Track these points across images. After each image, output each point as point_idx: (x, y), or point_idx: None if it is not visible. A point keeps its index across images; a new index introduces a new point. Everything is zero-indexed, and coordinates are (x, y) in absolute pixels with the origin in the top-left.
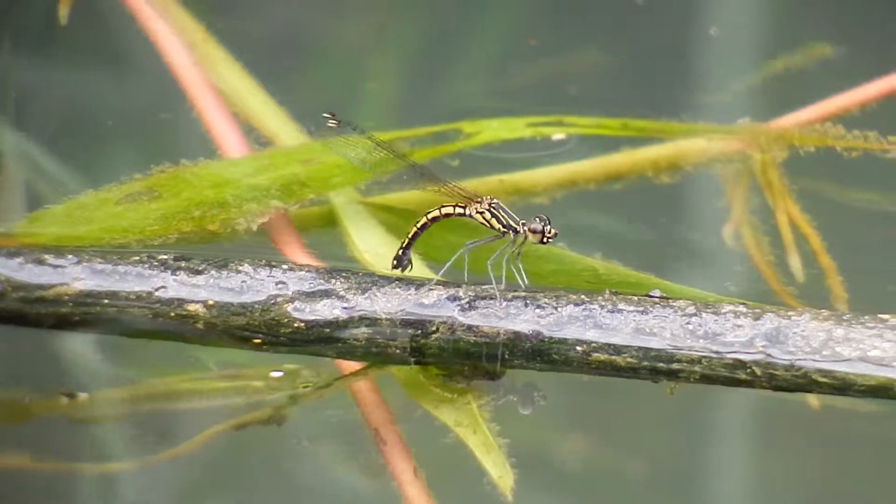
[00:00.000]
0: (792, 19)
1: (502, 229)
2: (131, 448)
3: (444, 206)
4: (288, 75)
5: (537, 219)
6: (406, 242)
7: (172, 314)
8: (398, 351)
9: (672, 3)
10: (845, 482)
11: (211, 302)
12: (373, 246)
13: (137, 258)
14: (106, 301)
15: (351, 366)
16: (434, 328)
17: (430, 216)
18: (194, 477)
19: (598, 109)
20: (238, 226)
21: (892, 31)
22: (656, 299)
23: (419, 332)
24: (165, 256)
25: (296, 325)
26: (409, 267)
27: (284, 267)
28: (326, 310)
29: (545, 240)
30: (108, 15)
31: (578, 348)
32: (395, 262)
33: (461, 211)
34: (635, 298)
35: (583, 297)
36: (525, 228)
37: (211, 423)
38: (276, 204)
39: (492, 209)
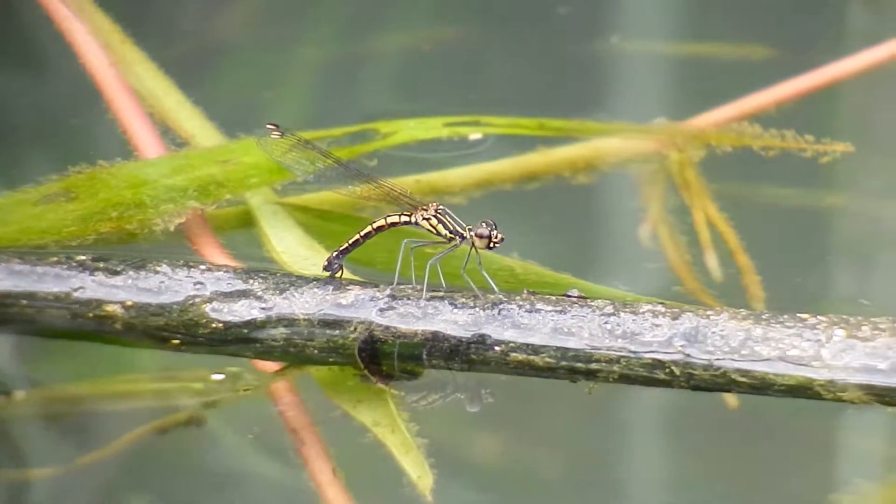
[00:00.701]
0: (704, 18)
1: (449, 235)
2: (57, 449)
3: (389, 216)
4: (200, 77)
5: (484, 224)
6: (344, 248)
7: (91, 315)
8: (316, 351)
9: (586, 12)
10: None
11: (129, 303)
12: (290, 246)
13: (55, 259)
14: (24, 302)
15: (272, 366)
16: (353, 328)
17: (375, 225)
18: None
19: (510, 110)
20: (155, 226)
21: (806, 31)
22: (574, 299)
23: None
24: (83, 257)
25: (214, 325)
26: (340, 272)
27: (202, 267)
28: (244, 310)
29: (492, 245)
30: (24, 15)
31: (497, 348)
32: (326, 264)
33: (406, 219)
34: (553, 298)
35: (501, 296)
36: (472, 234)
37: (136, 425)
38: (194, 204)
39: (438, 215)
